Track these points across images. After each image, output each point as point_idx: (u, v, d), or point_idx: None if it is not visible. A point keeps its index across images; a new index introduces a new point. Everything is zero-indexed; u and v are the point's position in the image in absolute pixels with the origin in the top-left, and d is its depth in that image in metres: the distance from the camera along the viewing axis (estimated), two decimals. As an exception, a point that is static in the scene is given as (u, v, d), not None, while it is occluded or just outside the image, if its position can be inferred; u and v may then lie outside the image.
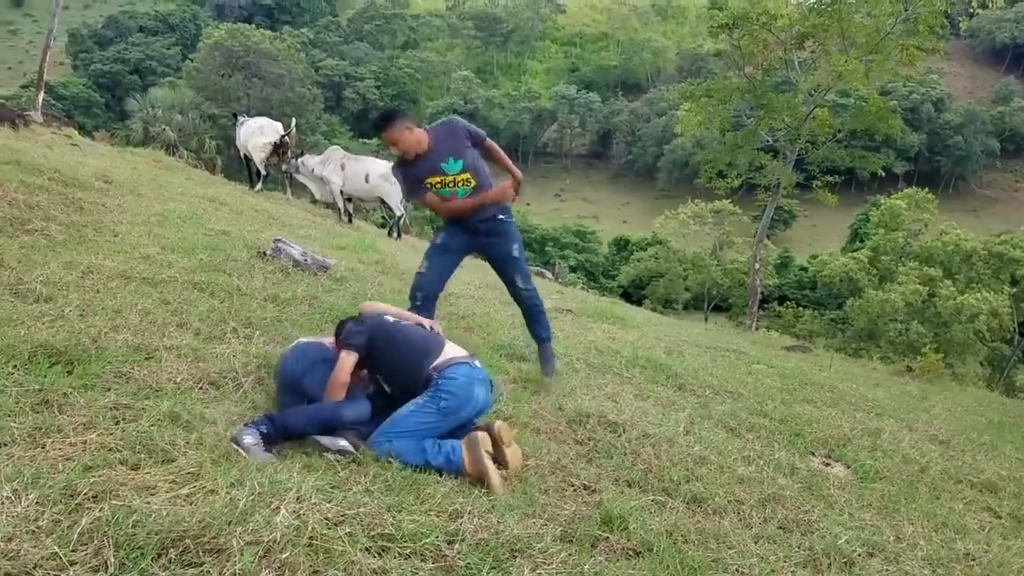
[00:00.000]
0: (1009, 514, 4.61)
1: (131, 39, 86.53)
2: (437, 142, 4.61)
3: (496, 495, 3.31)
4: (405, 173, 4.73)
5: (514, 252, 4.86)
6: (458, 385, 3.62)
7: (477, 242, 4.87)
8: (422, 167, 4.62)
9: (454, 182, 4.62)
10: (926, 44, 16.02)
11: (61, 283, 4.52)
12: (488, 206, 4.71)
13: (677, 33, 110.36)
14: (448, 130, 4.69)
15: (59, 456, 2.73)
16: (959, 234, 31.26)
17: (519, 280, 4.92)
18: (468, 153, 4.65)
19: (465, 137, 4.67)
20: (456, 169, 4.61)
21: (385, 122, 4.53)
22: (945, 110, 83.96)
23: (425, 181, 4.64)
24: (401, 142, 4.50)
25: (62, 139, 12.46)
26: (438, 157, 4.59)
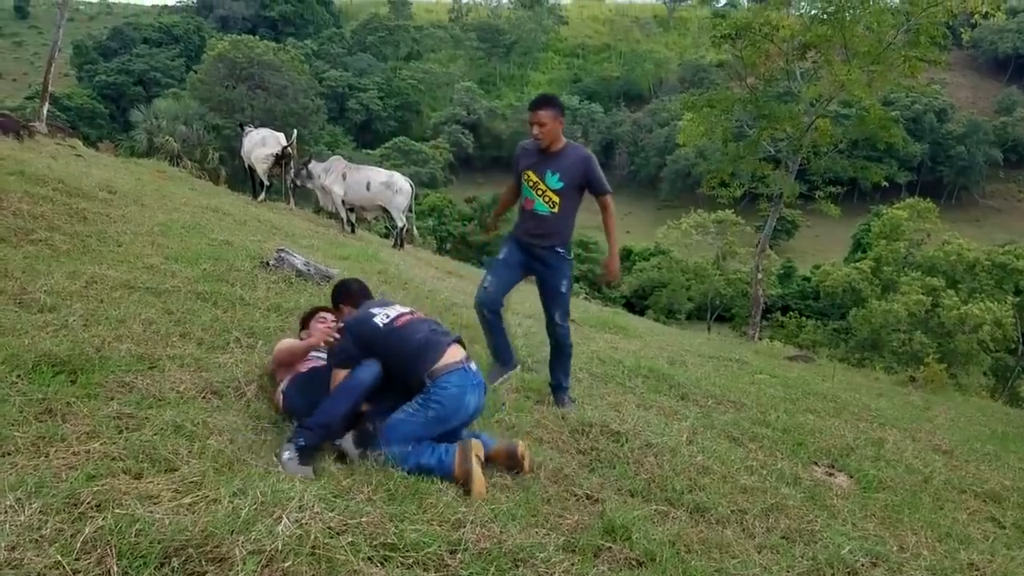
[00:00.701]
0: (1013, 524, 4.60)
1: (135, 50, 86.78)
2: (563, 154, 4.74)
3: (473, 499, 3.29)
4: (521, 150, 4.90)
5: (562, 288, 4.90)
6: (449, 395, 3.60)
7: (533, 265, 4.93)
8: (534, 160, 4.78)
9: (543, 193, 4.74)
10: (928, 55, 16.04)
11: (65, 293, 4.53)
12: (548, 236, 4.80)
13: (679, 44, 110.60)
14: (579, 156, 4.80)
15: (62, 465, 2.74)
16: (961, 244, 31.25)
17: (557, 316, 4.94)
18: (572, 186, 4.74)
19: (583, 173, 4.75)
20: (553, 186, 4.72)
21: (549, 103, 4.70)
22: (948, 120, 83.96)
23: (524, 172, 4.81)
24: (546, 128, 4.64)
25: (66, 150, 12.50)
26: (551, 165, 4.72)
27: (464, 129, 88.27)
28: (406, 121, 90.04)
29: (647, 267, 47.88)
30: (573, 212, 4.83)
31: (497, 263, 4.98)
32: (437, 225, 53.09)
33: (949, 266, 29.92)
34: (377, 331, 3.75)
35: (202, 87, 59.60)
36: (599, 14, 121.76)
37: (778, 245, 60.22)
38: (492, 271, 4.99)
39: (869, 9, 16.00)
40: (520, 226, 4.93)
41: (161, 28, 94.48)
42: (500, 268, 4.95)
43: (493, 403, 4.60)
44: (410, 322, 3.83)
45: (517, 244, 4.93)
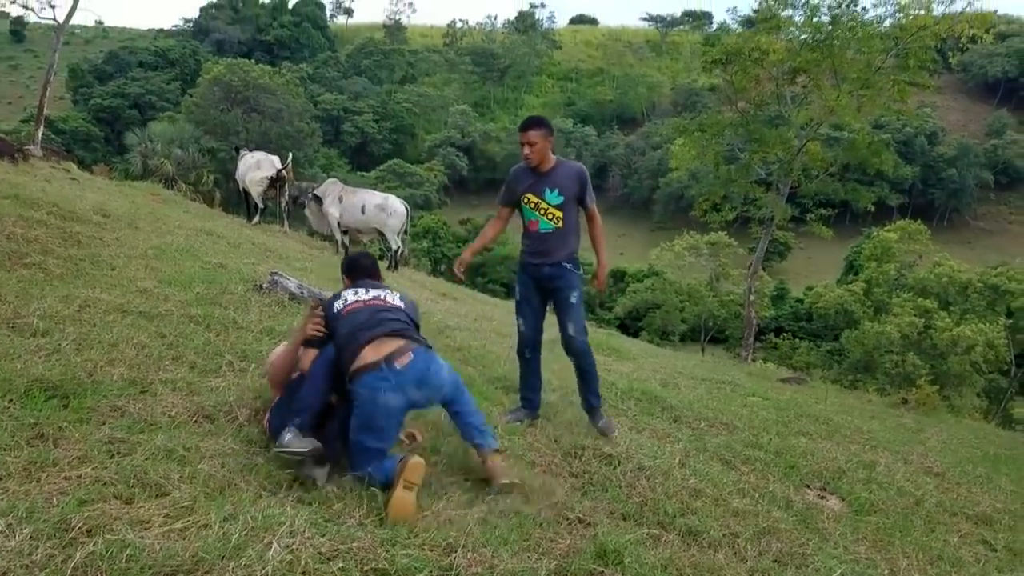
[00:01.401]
0: (1005, 547, 4.61)
1: (131, 74, 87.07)
2: (556, 171, 4.88)
3: (387, 519, 3.16)
4: (515, 176, 5.01)
5: (572, 299, 4.95)
6: (362, 399, 3.47)
7: (543, 285, 5.00)
8: (531, 182, 4.90)
9: (546, 211, 4.86)
10: (917, 79, 16.21)
11: (58, 317, 4.54)
12: (555, 251, 4.89)
13: (671, 68, 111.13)
14: (572, 170, 4.95)
15: (54, 490, 2.74)
16: (952, 266, 31.39)
17: (571, 327, 4.97)
18: (571, 197, 4.87)
19: (579, 186, 4.89)
20: (554, 203, 4.85)
21: (539, 124, 4.85)
22: (938, 143, 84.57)
23: (523, 195, 4.91)
24: (536, 148, 4.79)
25: (61, 173, 12.54)
26: (548, 184, 4.85)
27: (458, 152, 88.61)
28: (401, 144, 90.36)
29: (641, 288, 47.94)
30: (576, 224, 4.96)
31: (520, 305, 5.11)
32: (431, 247, 53.16)
33: (941, 288, 30.05)
34: (332, 316, 3.77)
35: (197, 110, 59.74)
36: (592, 39, 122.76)
37: (771, 267, 60.37)
38: (519, 313, 5.13)
39: (858, 34, 16.18)
40: (526, 251, 5.02)
41: (157, 52, 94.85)
42: (524, 308, 5.09)
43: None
44: (353, 310, 3.73)
45: (526, 274, 5.04)
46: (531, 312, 5.07)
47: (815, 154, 17.27)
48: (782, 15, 17.29)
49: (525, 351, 5.12)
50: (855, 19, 16.32)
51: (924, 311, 28.17)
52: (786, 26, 17.42)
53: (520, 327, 5.11)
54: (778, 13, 17.44)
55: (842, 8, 16.30)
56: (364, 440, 3.48)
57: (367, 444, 3.48)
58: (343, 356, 3.60)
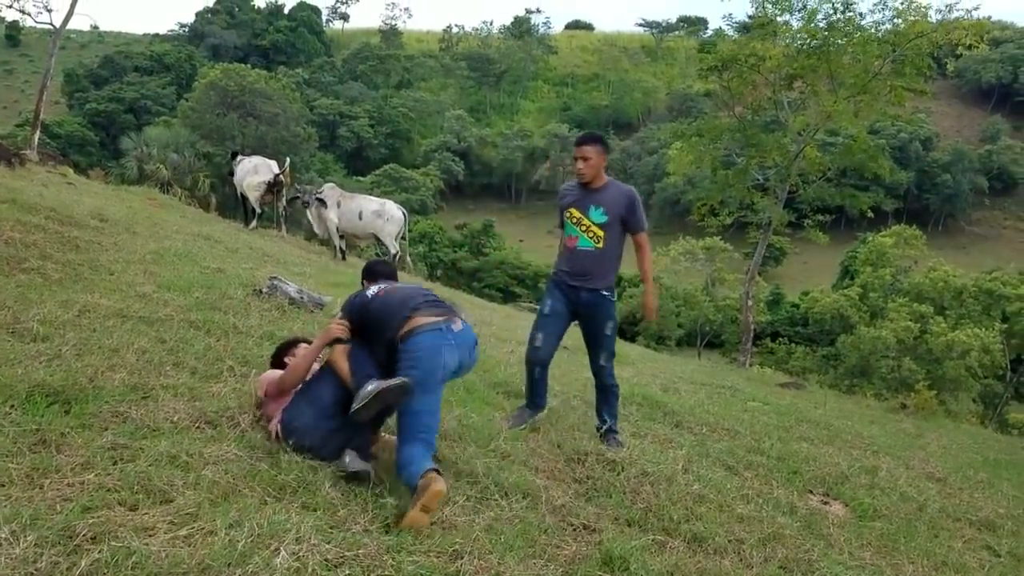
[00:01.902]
0: (1008, 552, 4.60)
1: (126, 79, 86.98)
2: (606, 190, 4.82)
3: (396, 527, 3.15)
4: (563, 191, 4.99)
5: (607, 330, 4.92)
6: (422, 356, 3.55)
7: (578, 310, 4.91)
8: (577, 197, 4.85)
9: (588, 228, 4.77)
10: (913, 85, 16.24)
11: (58, 322, 4.51)
12: (593, 275, 4.81)
13: (667, 74, 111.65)
14: (621, 192, 4.88)
15: (57, 497, 2.72)
16: (947, 271, 31.46)
17: (602, 357, 4.96)
18: (616, 219, 4.79)
19: (627, 209, 4.81)
20: (597, 221, 4.76)
21: (595, 140, 4.86)
22: (933, 148, 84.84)
23: (567, 209, 4.87)
24: (590, 163, 4.75)
25: (57, 177, 12.50)
26: (594, 201, 4.78)
27: (454, 157, 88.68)
28: (397, 149, 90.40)
29: (637, 293, 47.90)
30: (618, 249, 4.88)
31: (544, 318, 4.96)
32: (428, 252, 53.15)
33: (937, 293, 30.10)
34: (364, 301, 3.80)
35: (193, 115, 59.66)
36: (588, 44, 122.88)
37: (766, 272, 60.44)
38: (541, 327, 4.95)
39: (854, 40, 16.20)
40: (563, 268, 4.93)
41: (152, 56, 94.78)
42: (548, 323, 4.94)
43: (488, 433, 4.58)
44: (388, 292, 3.83)
45: (560, 291, 4.92)
46: (554, 328, 4.95)
47: (812, 159, 17.28)
48: (778, 21, 17.30)
49: (536, 369, 4.98)
50: (852, 24, 16.34)
51: (920, 316, 28.22)
52: (783, 32, 17.44)
53: (538, 344, 4.93)
54: (774, 19, 17.46)
55: (839, 14, 16.31)
56: (419, 405, 3.51)
57: (420, 408, 3.52)
58: (386, 327, 3.64)
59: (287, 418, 3.70)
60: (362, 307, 3.80)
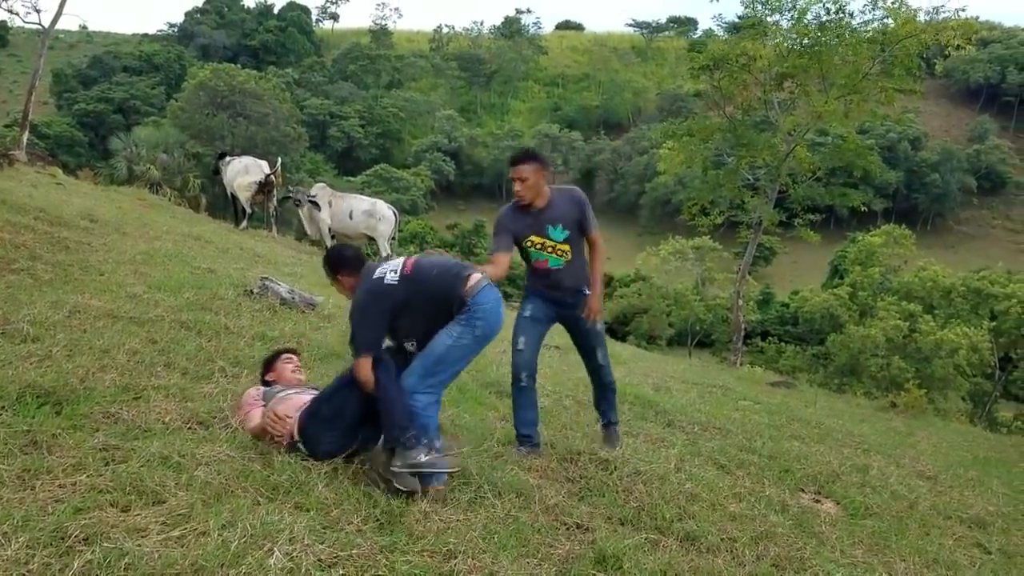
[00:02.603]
0: (999, 549, 4.63)
1: (115, 79, 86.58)
2: (554, 204, 4.54)
3: None
4: (508, 218, 4.56)
5: (597, 325, 4.79)
6: (489, 310, 3.77)
7: (562, 314, 4.74)
8: (527, 223, 4.53)
9: (553, 249, 4.55)
10: (903, 85, 16.33)
11: (48, 323, 4.49)
12: (571, 284, 4.62)
13: (657, 74, 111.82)
14: (569, 198, 4.63)
15: (49, 498, 2.71)
16: (936, 270, 31.59)
17: (599, 355, 4.83)
18: (574, 229, 4.57)
19: (579, 212, 4.59)
20: (560, 238, 4.54)
21: (529, 158, 4.49)
22: (922, 148, 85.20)
23: (526, 240, 4.54)
24: (528, 184, 4.42)
25: (46, 178, 12.45)
26: (549, 220, 4.52)
27: (445, 157, 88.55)
28: (387, 149, 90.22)
29: (628, 293, 47.98)
30: (583, 252, 4.71)
31: (525, 321, 4.70)
32: (418, 251, 53.02)
33: (925, 292, 30.22)
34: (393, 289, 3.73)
35: (182, 115, 59.36)
36: (578, 44, 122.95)
37: (756, 271, 60.58)
38: (522, 331, 4.68)
39: (845, 41, 16.28)
40: (538, 285, 4.70)
41: (141, 56, 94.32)
42: (529, 326, 4.70)
43: (481, 432, 4.59)
44: (418, 261, 3.89)
45: (541, 299, 4.72)
46: (536, 331, 4.72)
47: (803, 159, 17.35)
48: (768, 21, 17.37)
49: (522, 376, 4.63)
50: (842, 25, 16.41)
51: (909, 315, 28.33)
52: (773, 32, 17.50)
53: (521, 347, 4.65)
54: (764, 19, 17.53)
55: (830, 14, 16.39)
56: (476, 352, 3.86)
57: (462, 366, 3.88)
58: (450, 291, 3.75)
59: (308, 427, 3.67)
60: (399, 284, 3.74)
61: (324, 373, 4.59)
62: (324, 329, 6.07)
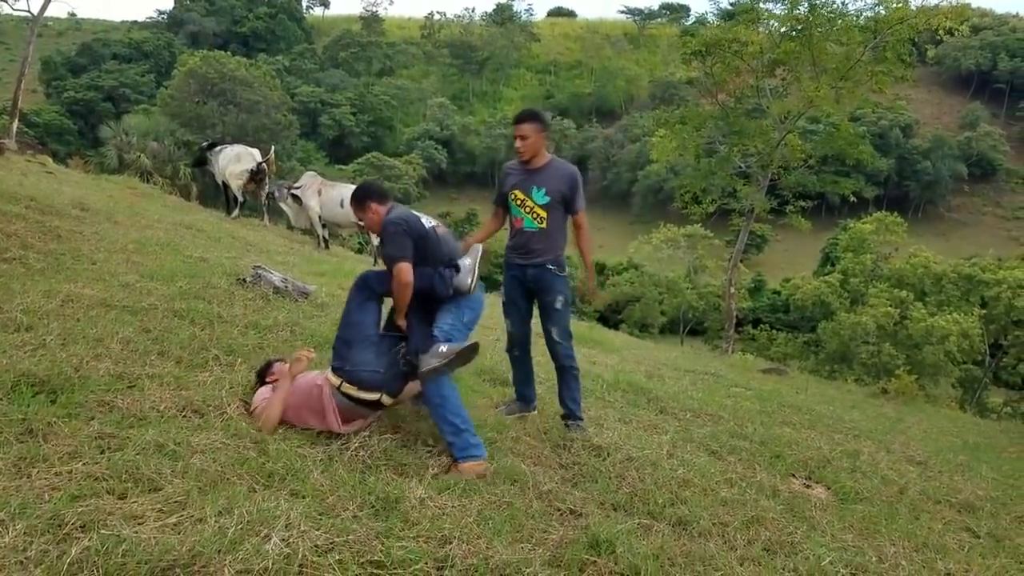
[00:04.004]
0: (988, 533, 4.68)
1: (105, 66, 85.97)
2: (548, 169, 4.74)
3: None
4: (506, 172, 4.92)
5: (556, 304, 4.79)
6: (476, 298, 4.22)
7: (527, 286, 4.85)
8: (519, 178, 4.79)
9: (531, 210, 4.72)
10: (895, 71, 16.35)
11: (41, 312, 4.49)
12: (538, 252, 4.75)
13: (649, 61, 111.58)
14: (563, 171, 4.78)
15: (45, 486, 2.72)
16: (928, 257, 31.71)
17: (554, 332, 4.83)
18: (557, 199, 4.71)
19: (568, 188, 4.73)
20: (540, 202, 4.70)
21: (531, 117, 4.74)
22: (913, 136, 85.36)
23: (511, 191, 4.79)
24: (528, 142, 4.68)
25: (36, 167, 12.39)
26: (536, 181, 4.72)
27: (437, 145, 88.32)
28: (379, 137, 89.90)
29: (620, 281, 48.08)
30: (561, 226, 4.81)
31: (505, 306, 4.97)
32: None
33: (917, 279, 30.34)
34: (426, 231, 4.10)
35: (173, 103, 59.00)
36: (570, 31, 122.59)
37: (748, 259, 60.77)
38: (505, 314, 4.99)
39: (837, 26, 16.29)
40: (510, 248, 4.87)
41: (131, 44, 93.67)
42: (510, 309, 4.95)
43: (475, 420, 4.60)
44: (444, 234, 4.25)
45: (511, 273, 4.88)
46: (517, 313, 4.94)
47: (794, 146, 17.38)
48: (761, 7, 17.36)
49: (514, 350, 5.02)
50: (834, 11, 16.41)
51: (900, 302, 28.45)
52: (766, 18, 17.49)
53: (509, 328, 5.00)
54: (756, 5, 17.51)
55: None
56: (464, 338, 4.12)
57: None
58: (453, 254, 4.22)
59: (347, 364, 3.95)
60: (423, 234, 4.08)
61: (318, 362, 4.61)
62: (318, 318, 6.06)
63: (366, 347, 3.95)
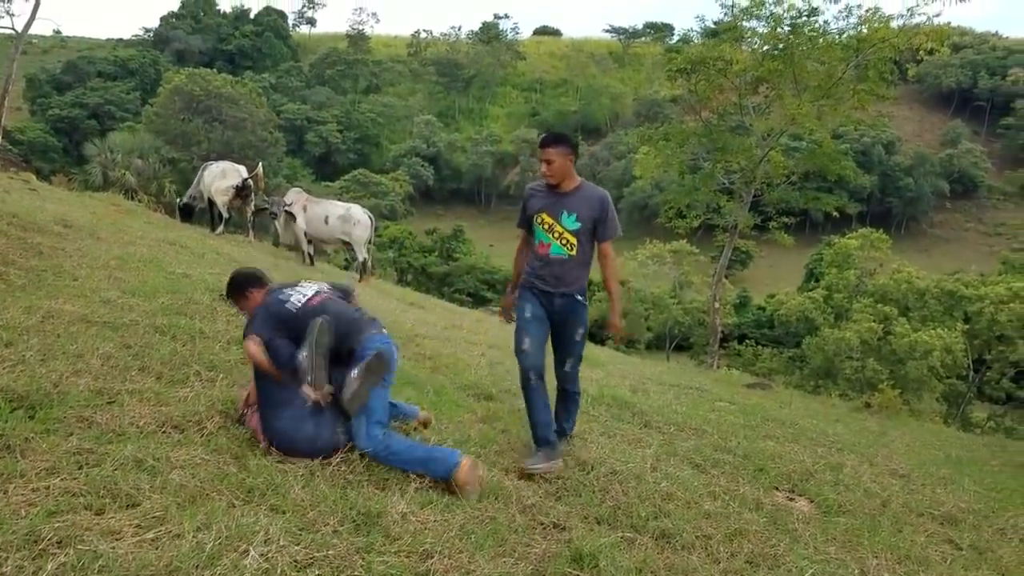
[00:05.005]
0: (970, 546, 4.69)
1: (90, 84, 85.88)
2: (578, 194, 4.49)
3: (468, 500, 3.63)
4: (530, 193, 4.63)
5: (577, 336, 4.62)
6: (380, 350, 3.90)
7: (552, 315, 4.57)
8: (547, 201, 4.51)
9: (560, 235, 4.45)
10: (877, 90, 16.52)
11: (21, 328, 4.45)
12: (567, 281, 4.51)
13: (634, 79, 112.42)
14: (595, 196, 4.54)
15: (22, 501, 2.69)
16: (911, 272, 31.94)
17: (569, 363, 4.68)
18: (588, 226, 4.48)
19: (600, 213, 4.50)
20: (570, 227, 4.45)
21: (558, 141, 4.47)
22: (895, 152, 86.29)
23: (538, 214, 4.51)
24: (554, 166, 4.42)
25: (19, 183, 12.32)
26: (566, 205, 4.45)
27: (424, 161, 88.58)
28: (365, 154, 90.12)
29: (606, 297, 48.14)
30: (590, 254, 4.58)
31: (526, 321, 4.54)
32: (398, 256, 53.01)
33: (900, 294, 30.54)
34: (290, 315, 3.97)
35: (158, 120, 58.92)
36: (555, 50, 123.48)
37: (733, 275, 61.08)
38: (524, 331, 4.51)
39: (819, 45, 16.46)
40: (534, 273, 4.56)
41: (116, 61, 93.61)
42: (531, 325, 4.52)
43: (459, 435, 4.58)
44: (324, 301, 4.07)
45: (534, 295, 4.56)
46: (538, 333, 4.52)
47: (777, 163, 17.52)
48: (744, 26, 17.51)
49: (531, 376, 4.48)
50: (816, 30, 16.59)
51: (884, 317, 28.62)
52: (749, 37, 17.65)
53: (525, 348, 4.47)
54: (740, 24, 17.67)
55: (803, 18, 16.55)
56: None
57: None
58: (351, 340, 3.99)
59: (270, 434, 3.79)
60: (289, 318, 3.95)
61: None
62: (301, 333, 6.03)
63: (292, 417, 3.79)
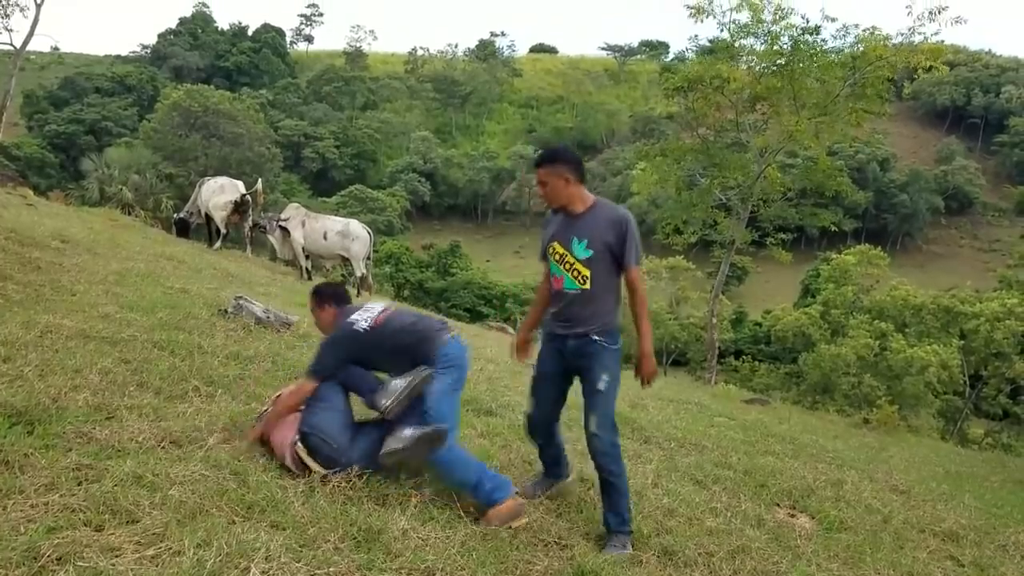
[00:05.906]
0: (972, 562, 4.68)
1: (87, 100, 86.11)
2: (590, 216, 3.79)
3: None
4: (547, 221, 4.01)
5: (599, 384, 3.79)
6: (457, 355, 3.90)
7: (569, 361, 3.91)
8: (558, 227, 3.86)
9: (571, 267, 3.77)
10: (873, 107, 16.62)
11: (19, 343, 4.43)
12: (581, 319, 3.80)
13: (629, 96, 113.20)
14: (609, 217, 3.80)
15: (21, 518, 2.66)
16: (908, 289, 32.02)
17: (593, 422, 3.80)
18: (603, 251, 3.75)
19: (615, 236, 3.75)
20: (580, 256, 3.76)
21: (548, 160, 3.82)
22: (890, 169, 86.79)
23: (549, 244, 3.88)
24: (549, 187, 3.80)
25: (17, 199, 12.32)
26: (577, 232, 3.78)
27: (420, 177, 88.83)
28: (362, 170, 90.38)
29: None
30: (611, 286, 3.83)
31: (535, 380, 4.06)
32: (395, 272, 53.01)
33: (897, 310, 30.61)
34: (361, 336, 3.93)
35: (155, 136, 58.99)
36: (552, 67, 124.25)
37: (729, 291, 61.12)
38: (533, 390, 4.07)
39: (817, 63, 16.56)
40: (550, 317, 3.96)
41: (114, 78, 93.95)
42: (539, 386, 4.04)
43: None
44: (389, 317, 4.02)
45: (550, 343, 3.96)
46: (547, 392, 4.03)
47: (774, 179, 17.59)
48: (740, 44, 17.62)
49: (536, 437, 4.15)
50: (814, 48, 16.69)
51: (880, 333, 28.66)
52: (746, 54, 17.76)
53: (529, 412, 4.09)
54: (736, 42, 17.77)
55: (803, 36, 16.66)
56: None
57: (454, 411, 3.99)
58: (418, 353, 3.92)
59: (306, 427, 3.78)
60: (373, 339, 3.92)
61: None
62: (299, 348, 6.02)
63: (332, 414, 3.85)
